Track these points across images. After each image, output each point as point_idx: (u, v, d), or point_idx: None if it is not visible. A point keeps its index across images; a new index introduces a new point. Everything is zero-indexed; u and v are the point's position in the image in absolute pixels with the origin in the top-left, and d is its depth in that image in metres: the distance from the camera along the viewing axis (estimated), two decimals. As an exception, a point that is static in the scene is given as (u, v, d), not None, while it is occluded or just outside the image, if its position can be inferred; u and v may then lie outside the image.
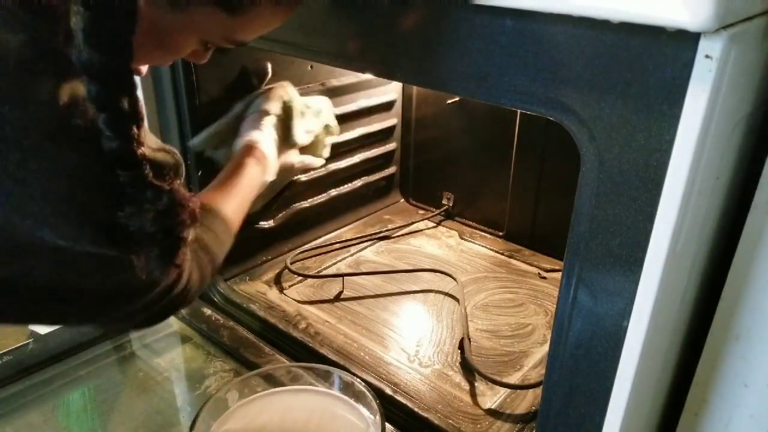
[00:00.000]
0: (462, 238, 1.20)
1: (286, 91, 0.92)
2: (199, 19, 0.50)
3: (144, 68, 0.63)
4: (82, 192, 0.44)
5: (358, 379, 0.56)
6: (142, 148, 0.44)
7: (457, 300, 0.98)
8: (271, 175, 0.83)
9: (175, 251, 0.49)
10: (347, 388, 0.56)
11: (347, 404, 0.56)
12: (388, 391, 0.79)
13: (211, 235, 0.66)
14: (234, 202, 0.73)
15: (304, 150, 0.94)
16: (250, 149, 0.81)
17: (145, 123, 0.45)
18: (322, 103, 0.97)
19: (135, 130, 0.43)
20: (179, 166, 0.50)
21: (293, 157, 0.91)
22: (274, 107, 0.87)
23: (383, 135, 1.24)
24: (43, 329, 1.53)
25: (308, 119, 0.93)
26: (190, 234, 0.49)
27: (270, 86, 0.92)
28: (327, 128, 0.98)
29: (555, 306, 0.53)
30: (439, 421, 0.75)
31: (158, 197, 0.45)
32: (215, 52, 0.60)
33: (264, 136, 0.83)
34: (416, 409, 0.76)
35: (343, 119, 1.13)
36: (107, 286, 0.51)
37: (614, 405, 0.50)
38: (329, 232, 1.19)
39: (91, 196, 0.45)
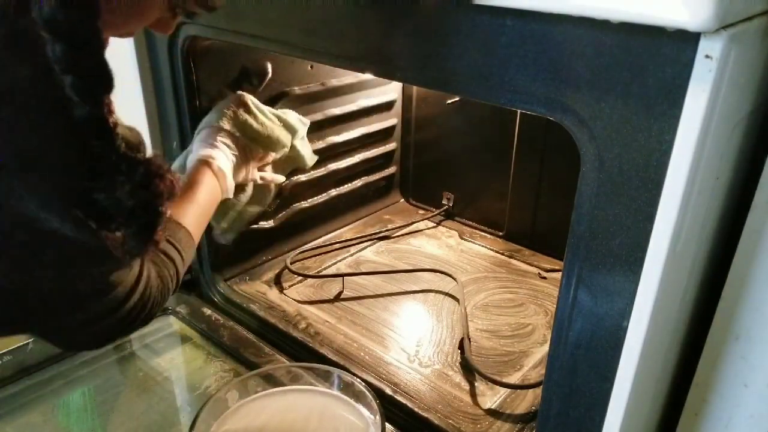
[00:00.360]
0: (462, 238, 1.20)
1: (243, 100, 0.86)
2: None
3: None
4: (54, 164, 0.42)
5: (358, 379, 0.56)
6: (114, 116, 0.42)
7: (457, 300, 0.98)
8: (228, 193, 0.79)
9: (153, 227, 0.46)
10: (347, 388, 0.56)
11: (347, 404, 0.56)
12: (388, 391, 0.79)
13: (174, 247, 0.63)
14: (193, 216, 0.69)
15: (281, 163, 0.91)
16: (204, 165, 0.76)
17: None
18: (285, 111, 0.92)
19: (104, 95, 0.41)
20: (142, 145, 0.47)
21: (254, 173, 0.86)
22: (229, 123, 0.82)
23: (383, 135, 1.24)
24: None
25: (268, 127, 0.87)
26: (168, 208, 0.46)
27: (228, 97, 0.87)
28: (292, 131, 0.91)
29: (555, 306, 0.53)
30: (439, 421, 0.75)
31: (133, 168, 0.43)
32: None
33: (218, 152, 0.79)
34: (416, 409, 0.76)
35: (343, 119, 1.13)
36: (71, 285, 0.49)
37: (614, 405, 0.50)
38: (329, 232, 1.19)
39: (63, 169, 0.42)
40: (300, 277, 1.04)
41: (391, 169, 1.30)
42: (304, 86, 1.03)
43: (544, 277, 1.07)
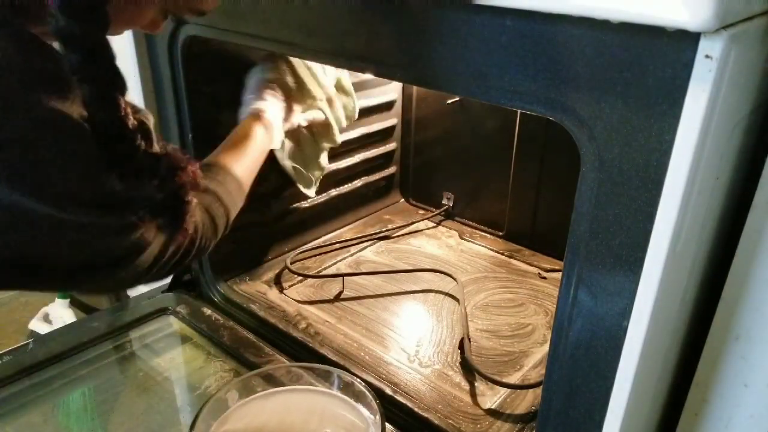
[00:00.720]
0: (462, 238, 1.20)
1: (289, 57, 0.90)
2: None
3: None
4: (84, 171, 0.44)
5: (358, 379, 0.55)
6: (130, 117, 0.44)
7: (457, 300, 0.98)
8: (276, 143, 0.85)
9: (182, 216, 0.48)
10: (347, 388, 0.56)
11: (347, 404, 0.56)
12: (388, 391, 0.79)
13: (224, 189, 0.68)
14: (243, 164, 0.74)
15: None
16: (255, 117, 0.82)
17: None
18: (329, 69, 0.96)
19: (120, 99, 0.43)
20: (152, 130, 0.49)
21: (298, 117, 0.92)
22: (277, 74, 0.87)
23: (383, 135, 1.24)
24: (43, 329, 1.53)
25: (314, 78, 0.92)
26: (194, 197, 0.49)
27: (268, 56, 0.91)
28: (340, 87, 0.98)
29: (555, 306, 0.53)
30: (439, 421, 0.75)
31: (156, 164, 0.45)
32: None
33: (268, 104, 0.84)
34: (416, 409, 0.76)
35: (343, 119, 1.13)
36: (104, 251, 0.50)
37: (614, 405, 0.50)
38: (329, 232, 1.20)
39: (93, 173, 0.44)
40: (300, 277, 1.04)
41: (391, 169, 1.30)
42: (304, 86, 1.03)
43: (544, 277, 1.07)
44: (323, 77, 0.92)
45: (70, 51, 0.41)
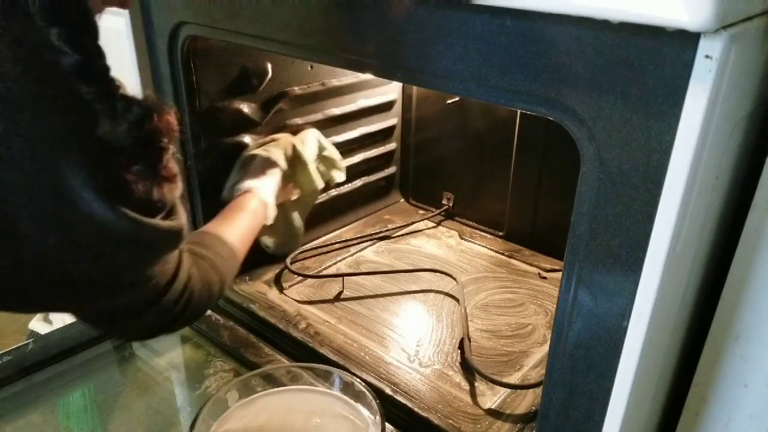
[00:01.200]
0: (462, 238, 1.20)
1: (292, 141, 0.95)
2: None
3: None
4: (54, 116, 0.43)
5: (358, 379, 0.55)
6: (104, 60, 0.43)
7: (457, 300, 0.98)
8: (270, 219, 0.87)
9: (158, 162, 0.47)
10: (347, 388, 0.56)
11: (347, 404, 0.56)
12: (388, 391, 0.79)
13: (219, 257, 0.68)
14: (237, 235, 0.76)
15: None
16: (250, 194, 0.84)
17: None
18: (313, 139, 1.00)
19: (92, 42, 0.42)
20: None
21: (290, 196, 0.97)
22: (279, 157, 0.91)
23: (383, 135, 1.24)
24: (43, 329, 1.53)
25: (315, 166, 0.97)
26: (171, 145, 0.48)
27: (281, 135, 0.97)
28: (332, 162, 1.02)
29: (555, 306, 0.53)
30: (439, 421, 0.75)
31: (128, 108, 0.44)
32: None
33: (262, 183, 0.87)
34: (416, 409, 0.76)
35: (343, 119, 1.13)
36: (107, 273, 0.50)
37: (614, 405, 0.50)
38: (329, 232, 1.19)
39: (63, 118, 0.43)
40: (300, 277, 1.04)
41: (391, 169, 1.30)
42: (304, 86, 1.03)
43: (544, 277, 1.07)
44: (313, 163, 0.96)
45: None
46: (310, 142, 0.98)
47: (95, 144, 0.44)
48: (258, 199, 0.84)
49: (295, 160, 0.94)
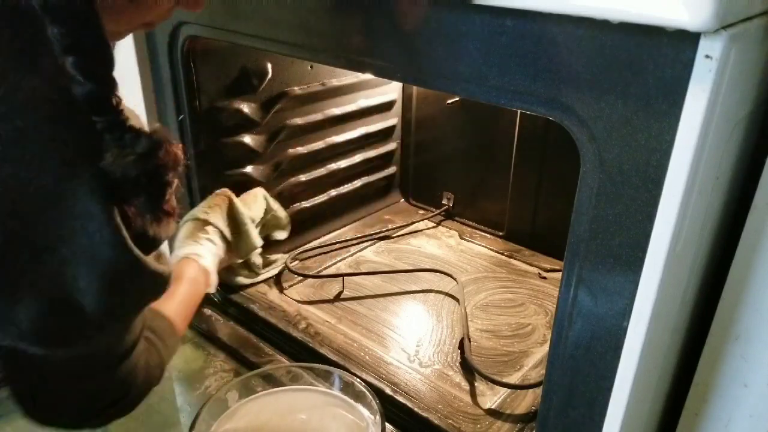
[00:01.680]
0: (462, 238, 1.20)
1: (232, 199, 0.90)
2: None
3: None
4: (63, 141, 0.43)
5: (358, 379, 0.55)
6: (117, 92, 0.43)
7: (457, 300, 0.98)
8: (212, 288, 0.82)
9: (161, 196, 0.47)
10: (347, 388, 0.56)
11: (347, 404, 0.56)
12: (388, 391, 0.79)
13: (163, 338, 0.63)
14: (176, 308, 0.70)
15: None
16: (190, 262, 0.79)
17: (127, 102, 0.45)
18: (260, 200, 0.96)
19: (106, 73, 0.43)
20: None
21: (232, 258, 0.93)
22: (217, 218, 0.86)
23: (383, 135, 1.24)
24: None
25: (253, 226, 0.93)
26: (175, 180, 0.48)
27: (215, 193, 0.91)
28: (272, 215, 0.99)
29: (555, 306, 0.53)
30: (439, 421, 0.75)
31: (137, 141, 0.44)
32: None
33: (204, 249, 0.82)
34: (416, 409, 0.76)
35: (343, 119, 1.13)
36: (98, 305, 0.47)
37: (614, 405, 0.50)
38: (329, 232, 1.19)
39: (72, 145, 0.43)
40: (300, 277, 1.04)
41: (391, 169, 1.30)
42: (304, 86, 1.03)
43: (544, 277, 1.07)
44: (251, 224, 0.92)
45: (53, 22, 0.40)
46: (255, 204, 0.95)
47: (102, 173, 0.44)
48: (197, 267, 0.79)
49: (236, 221, 0.90)
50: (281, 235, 1.02)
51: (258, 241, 0.92)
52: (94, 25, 0.42)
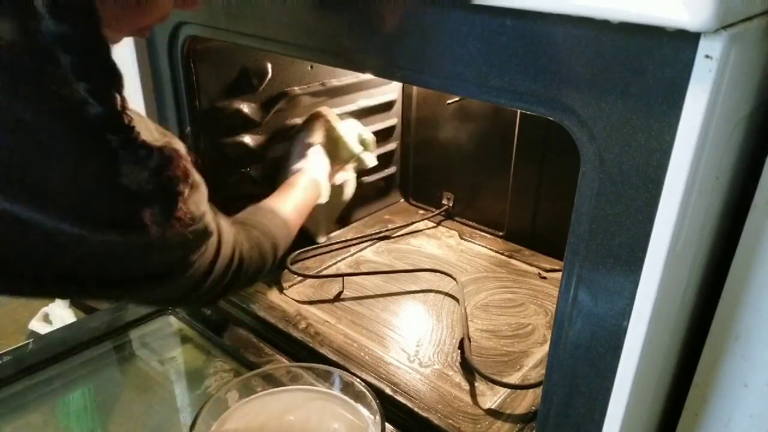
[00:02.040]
0: (462, 238, 1.20)
1: (326, 118, 1.02)
2: None
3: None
4: (80, 163, 0.46)
5: (358, 379, 0.55)
6: (128, 111, 0.46)
7: (457, 300, 0.98)
8: (324, 197, 0.95)
9: (173, 205, 0.51)
10: (347, 388, 0.56)
11: (347, 404, 0.56)
12: (388, 391, 0.79)
13: (271, 226, 0.75)
14: (289, 206, 0.83)
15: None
16: (300, 173, 0.92)
17: (143, 114, 0.48)
18: (354, 124, 1.08)
19: (116, 94, 0.45)
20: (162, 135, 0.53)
21: (341, 175, 1.05)
22: (317, 137, 0.99)
23: (383, 135, 1.24)
24: (43, 329, 1.53)
25: (349, 139, 1.03)
26: (187, 190, 0.52)
27: (310, 115, 1.03)
28: (363, 142, 1.07)
29: (555, 306, 0.53)
30: (439, 421, 0.75)
31: (149, 156, 0.47)
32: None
33: (311, 163, 0.94)
34: (416, 409, 0.76)
35: (343, 119, 1.13)
36: (147, 267, 0.55)
37: (614, 405, 0.50)
38: (329, 232, 1.19)
39: (89, 164, 0.46)
40: (300, 277, 1.04)
41: (391, 169, 1.30)
42: (304, 86, 1.03)
43: (544, 277, 1.07)
44: (353, 138, 1.04)
45: (64, 52, 0.42)
46: (347, 122, 1.06)
47: (120, 189, 0.47)
48: (307, 177, 0.91)
49: (331, 135, 1.00)
50: (369, 157, 1.09)
51: (356, 147, 1.03)
52: (102, 51, 0.44)
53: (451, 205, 1.27)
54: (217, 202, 0.89)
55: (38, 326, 1.58)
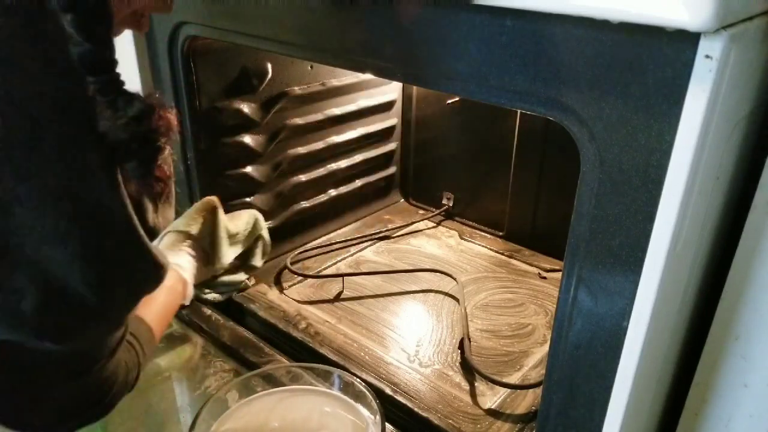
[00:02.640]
0: (462, 238, 1.20)
1: (213, 210, 0.89)
2: None
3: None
4: (55, 103, 0.43)
5: (358, 379, 0.55)
6: (113, 52, 0.43)
7: (457, 300, 0.98)
8: (188, 299, 0.81)
9: (152, 161, 0.47)
10: (347, 388, 0.56)
11: (347, 404, 0.56)
12: (388, 391, 0.79)
13: (135, 339, 0.63)
14: (155, 314, 0.70)
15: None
16: (170, 271, 0.78)
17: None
18: (248, 218, 0.95)
19: (104, 31, 0.43)
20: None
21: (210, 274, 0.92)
22: (194, 228, 0.85)
23: (383, 135, 1.24)
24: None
25: (231, 241, 0.92)
26: (168, 146, 0.48)
27: (202, 201, 0.90)
28: (260, 239, 0.98)
29: (555, 306, 0.53)
30: (439, 421, 0.75)
31: (129, 103, 0.44)
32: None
33: (184, 261, 0.82)
34: (416, 409, 0.76)
35: (343, 119, 1.13)
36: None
37: (614, 405, 0.50)
38: (329, 232, 1.19)
39: (74, 109, 0.43)
40: (300, 277, 1.04)
41: (391, 169, 1.30)
42: (304, 86, 1.03)
43: (544, 277, 1.07)
44: (226, 241, 0.90)
45: None
46: (241, 219, 0.94)
47: (94, 131, 0.44)
48: (177, 276, 0.79)
49: (214, 233, 0.88)
50: (258, 262, 0.99)
51: (227, 258, 0.90)
52: None
53: (451, 205, 1.27)
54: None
55: None
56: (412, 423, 0.76)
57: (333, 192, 1.18)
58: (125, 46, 0.86)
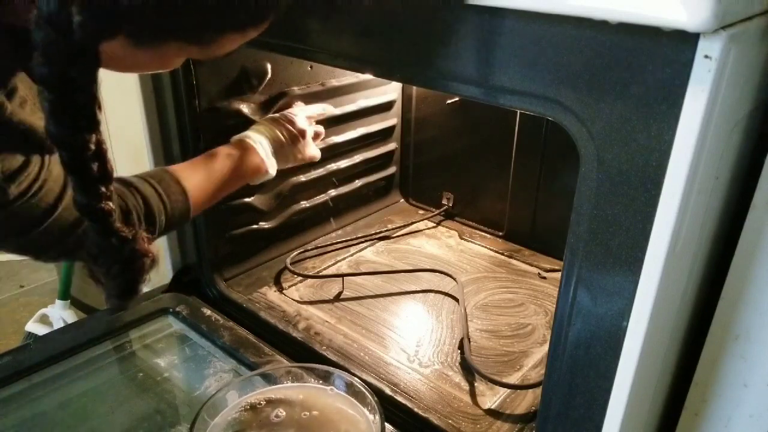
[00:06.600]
0: (462, 238, 1.20)
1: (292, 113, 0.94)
2: (171, 52, 0.52)
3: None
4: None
5: (358, 379, 0.56)
6: (110, 202, 0.47)
7: (457, 300, 0.98)
8: (269, 168, 0.87)
9: (132, 292, 0.52)
10: (347, 388, 0.56)
11: (347, 404, 0.56)
12: (388, 391, 0.79)
13: (155, 190, 0.68)
14: (198, 180, 0.75)
15: None
16: (232, 143, 0.84)
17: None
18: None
19: (103, 189, 0.46)
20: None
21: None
22: (264, 125, 0.90)
23: (383, 135, 1.24)
24: (41, 330, 1.53)
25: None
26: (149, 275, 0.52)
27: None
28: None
29: (555, 306, 0.53)
30: (438, 421, 0.75)
31: (122, 246, 0.48)
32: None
33: (256, 135, 0.87)
34: (416, 409, 0.76)
35: (343, 119, 1.13)
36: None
37: (614, 405, 0.50)
38: (329, 232, 1.20)
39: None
40: (300, 277, 1.04)
41: (391, 170, 1.30)
42: (304, 86, 1.03)
43: (544, 277, 1.07)
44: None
45: (61, 149, 0.44)
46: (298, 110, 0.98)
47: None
48: (240, 145, 0.84)
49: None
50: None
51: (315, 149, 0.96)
52: (97, 152, 0.45)
53: (450, 205, 1.27)
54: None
55: (35, 328, 1.58)
56: (411, 423, 0.76)
57: (333, 192, 1.18)
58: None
